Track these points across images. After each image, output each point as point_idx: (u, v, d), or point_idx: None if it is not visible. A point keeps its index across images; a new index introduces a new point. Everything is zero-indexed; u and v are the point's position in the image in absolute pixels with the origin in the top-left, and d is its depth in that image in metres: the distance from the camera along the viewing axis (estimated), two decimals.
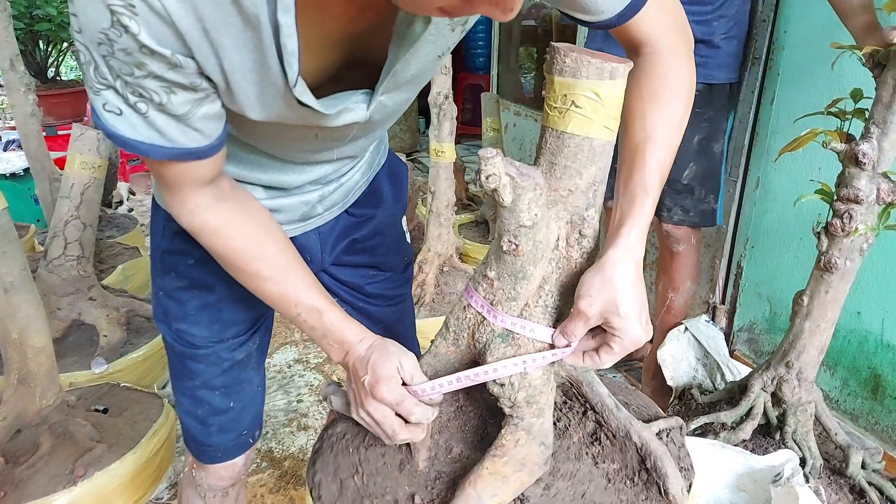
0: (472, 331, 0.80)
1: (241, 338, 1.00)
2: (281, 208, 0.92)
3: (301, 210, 0.95)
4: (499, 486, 0.75)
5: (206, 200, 0.75)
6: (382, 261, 1.15)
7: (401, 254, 1.19)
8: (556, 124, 0.70)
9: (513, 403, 0.76)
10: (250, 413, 1.06)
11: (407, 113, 5.57)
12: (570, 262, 0.77)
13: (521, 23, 4.16)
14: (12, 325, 1.49)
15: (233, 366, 1.00)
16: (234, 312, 0.97)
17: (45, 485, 1.48)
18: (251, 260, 0.78)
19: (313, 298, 0.80)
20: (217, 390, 1.00)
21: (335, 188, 0.97)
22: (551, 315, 0.78)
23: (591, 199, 0.74)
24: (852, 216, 1.31)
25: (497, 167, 0.68)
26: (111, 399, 1.81)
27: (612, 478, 0.81)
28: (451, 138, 2.35)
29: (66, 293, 2.04)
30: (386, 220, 1.12)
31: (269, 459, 1.88)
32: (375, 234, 1.11)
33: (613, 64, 0.66)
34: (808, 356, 1.44)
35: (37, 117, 2.32)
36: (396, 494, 0.79)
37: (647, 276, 2.51)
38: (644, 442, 0.81)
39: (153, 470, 1.68)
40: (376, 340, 0.81)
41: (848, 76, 1.57)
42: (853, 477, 1.40)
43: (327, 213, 1.01)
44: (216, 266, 0.82)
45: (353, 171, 0.99)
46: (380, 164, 1.09)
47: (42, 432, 1.59)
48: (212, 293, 0.95)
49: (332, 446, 0.87)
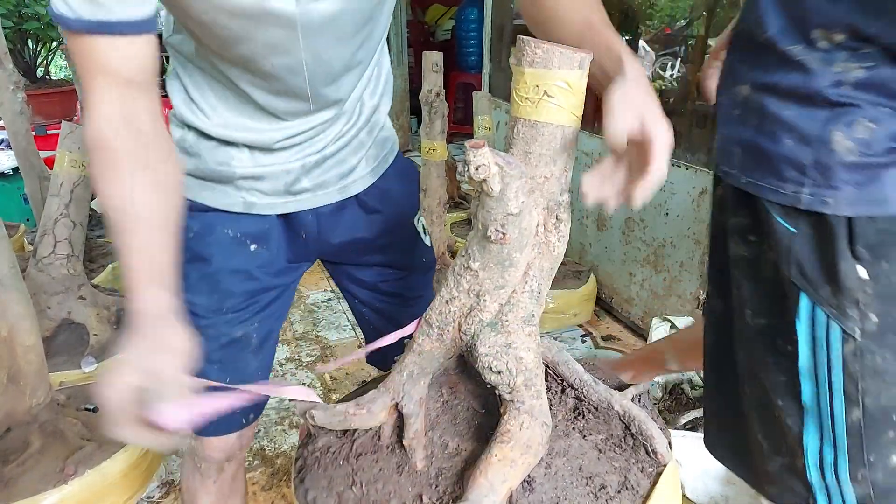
0: (459, 323, 0.80)
1: (238, 313, 1.02)
2: (264, 175, 0.96)
3: (283, 179, 0.97)
4: (508, 471, 0.75)
5: (114, 109, 0.71)
6: (396, 260, 1.17)
7: (417, 254, 1.19)
8: (528, 114, 0.73)
9: (512, 388, 0.77)
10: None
11: (399, 112, 5.57)
12: (549, 246, 0.79)
13: (514, 22, 4.17)
14: (2, 323, 1.48)
15: (231, 342, 1.03)
16: (231, 284, 1.01)
17: (36, 483, 1.47)
18: (126, 209, 0.72)
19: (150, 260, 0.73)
20: (215, 364, 1.02)
21: (317, 160, 0.98)
22: (535, 300, 0.79)
23: (563, 184, 0.77)
24: None
25: (487, 157, 0.69)
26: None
27: (601, 448, 0.83)
28: (442, 136, 2.36)
29: (55, 292, 2.02)
30: (396, 220, 1.13)
31: (262, 457, 1.87)
32: (386, 233, 1.12)
33: (581, 54, 0.69)
34: None
35: (26, 116, 2.30)
36: (403, 497, 0.77)
37: (644, 272, 2.53)
38: (626, 409, 0.84)
39: (144, 468, 1.67)
40: (161, 325, 0.70)
41: None
42: None
43: (321, 192, 1.02)
44: (212, 239, 0.90)
45: (338, 146, 1.00)
46: (388, 160, 1.11)
47: (32, 431, 1.58)
48: (209, 265, 0.99)
49: (318, 461, 0.85)
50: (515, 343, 0.78)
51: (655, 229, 2.39)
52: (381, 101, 1.07)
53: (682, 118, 2.51)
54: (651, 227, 2.41)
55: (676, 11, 4.33)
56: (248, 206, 0.99)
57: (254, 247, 1.02)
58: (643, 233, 2.46)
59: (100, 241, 2.81)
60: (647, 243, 2.46)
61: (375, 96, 1.04)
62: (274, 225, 1.03)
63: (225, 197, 0.98)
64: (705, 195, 2.12)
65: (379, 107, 1.06)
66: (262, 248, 1.03)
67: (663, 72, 4.68)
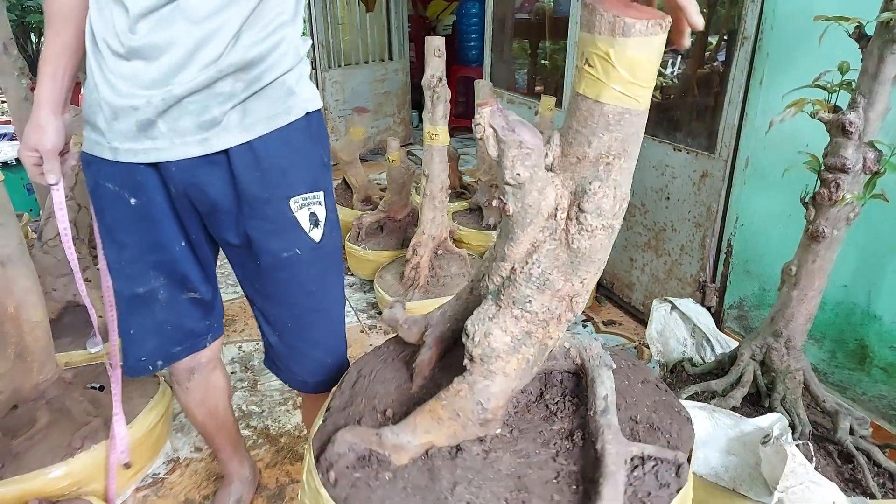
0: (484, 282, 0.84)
1: (136, 265, 1.13)
2: (116, 108, 0.98)
3: (134, 117, 0.97)
4: (433, 426, 0.77)
5: None
6: (261, 240, 1.07)
7: (289, 242, 1.08)
8: (575, 84, 0.67)
9: (469, 357, 0.78)
10: (151, 342, 1.21)
11: (400, 106, 5.59)
12: (568, 236, 0.73)
13: (515, 16, 4.18)
14: (9, 300, 1.49)
15: (134, 296, 1.16)
16: (125, 236, 1.12)
17: (43, 456, 1.49)
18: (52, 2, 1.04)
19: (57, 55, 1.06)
20: (125, 313, 1.18)
21: (165, 99, 0.95)
22: (535, 286, 0.76)
23: (599, 172, 0.69)
24: (839, 185, 1.34)
25: (484, 117, 0.69)
26: (107, 377, 1.82)
27: (559, 478, 0.78)
28: (444, 121, 2.37)
29: (60, 274, 2.04)
30: (266, 193, 1.03)
31: (266, 436, 1.89)
32: (250, 205, 1.04)
33: (628, 20, 0.58)
34: (797, 324, 1.47)
35: (30, 101, 2.31)
36: (380, 401, 0.89)
37: (645, 257, 2.54)
38: (603, 454, 0.76)
39: (150, 444, 1.69)
40: (44, 115, 1.08)
41: (835, 55, 1.60)
42: (841, 442, 1.42)
43: (179, 141, 0.98)
44: (101, 192, 1.07)
45: (188, 88, 0.94)
46: (275, 123, 1.02)
47: (39, 407, 1.60)
48: (105, 217, 1.12)
49: (360, 371, 0.98)
50: (497, 318, 0.78)
51: (656, 214, 2.40)
52: (280, 59, 1.00)
53: (683, 111, 2.54)
54: (652, 212, 2.42)
55: None
56: (114, 151, 1.03)
57: (133, 200, 1.08)
58: (644, 217, 2.47)
59: None
60: (648, 228, 2.47)
61: (261, 46, 0.96)
62: (146, 177, 1.04)
63: (96, 144, 1.06)
64: (706, 178, 2.13)
65: (270, 63, 0.98)
66: (141, 201, 1.07)
67: (664, 69, 4.70)
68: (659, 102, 2.50)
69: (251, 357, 2.34)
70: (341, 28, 5.03)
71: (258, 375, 2.22)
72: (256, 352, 2.37)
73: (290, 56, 1.02)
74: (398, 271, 2.67)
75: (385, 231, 2.98)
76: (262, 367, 2.27)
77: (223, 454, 1.54)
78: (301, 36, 1.07)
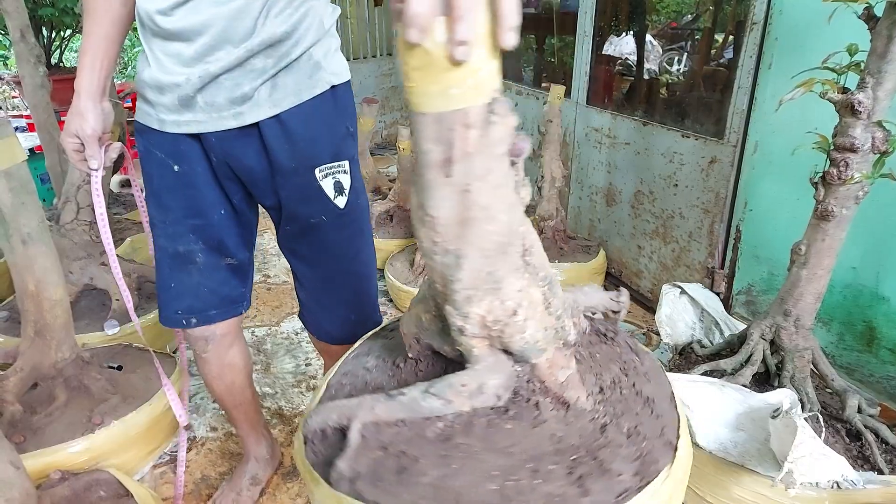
0: None
1: (178, 227, 1.20)
2: (162, 85, 1.06)
3: (177, 93, 1.05)
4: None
5: None
6: (291, 207, 1.15)
7: (317, 208, 1.15)
8: None
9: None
10: (188, 300, 1.26)
11: None
12: None
13: (522, 10, 4.19)
14: (29, 277, 1.52)
15: (176, 254, 1.22)
16: (169, 200, 1.19)
17: (63, 431, 1.52)
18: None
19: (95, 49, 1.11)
20: (166, 268, 1.24)
21: (201, 76, 1.02)
22: None
23: None
24: (848, 164, 1.36)
25: None
26: (125, 358, 1.85)
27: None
28: None
29: (77, 257, 2.07)
30: (294, 163, 1.10)
31: (280, 416, 1.92)
32: (280, 174, 1.11)
33: None
34: (806, 303, 1.48)
35: (46, 89, 2.34)
36: (372, 381, 0.90)
37: (653, 245, 2.55)
38: None
39: (168, 423, 1.72)
40: (84, 103, 1.12)
41: (843, 39, 1.61)
42: (849, 420, 1.44)
43: (216, 115, 1.06)
44: (150, 158, 1.14)
45: (222, 66, 1.01)
46: (301, 96, 1.07)
47: (58, 385, 1.63)
48: (152, 182, 1.19)
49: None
50: None
51: (665, 201, 2.42)
52: (305, 32, 1.04)
53: (690, 106, 2.56)
54: (660, 199, 2.44)
55: (683, 7, 4.33)
56: (161, 122, 1.11)
57: (177, 168, 1.15)
58: (652, 205, 2.49)
59: (118, 219, 2.86)
60: (656, 215, 2.48)
61: (289, 21, 1.02)
62: (189, 147, 1.12)
63: (147, 115, 1.13)
64: (714, 164, 2.14)
65: (297, 37, 1.03)
66: (184, 169, 1.15)
67: (670, 66, 4.69)
68: (665, 99, 2.51)
69: (264, 341, 2.37)
70: (349, 22, 5.06)
71: (271, 358, 2.24)
72: (269, 336, 2.40)
73: (314, 28, 1.06)
74: (408, 259, 2.70)
75: (395, 220, 3.00)
76: (275, 350, 2.30)
77: (240, 430, 1.57)
78: (328, 3, 1.11)
